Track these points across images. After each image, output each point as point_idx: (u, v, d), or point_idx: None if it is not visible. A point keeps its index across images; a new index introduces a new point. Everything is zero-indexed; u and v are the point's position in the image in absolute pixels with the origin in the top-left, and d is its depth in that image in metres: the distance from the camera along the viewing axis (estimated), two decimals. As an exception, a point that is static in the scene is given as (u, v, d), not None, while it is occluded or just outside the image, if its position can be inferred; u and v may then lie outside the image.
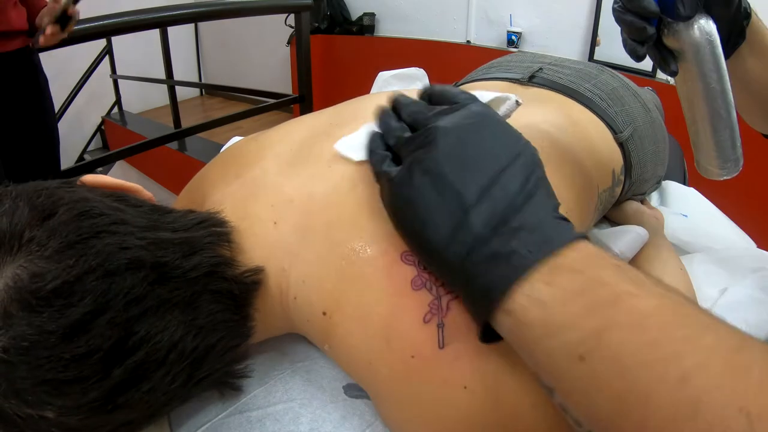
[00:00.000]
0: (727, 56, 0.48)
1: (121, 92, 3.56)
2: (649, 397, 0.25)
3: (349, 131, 0.51)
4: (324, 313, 0.42)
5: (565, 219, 0.33)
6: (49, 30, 1.04)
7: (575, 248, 0.31)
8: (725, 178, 0.52)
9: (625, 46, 0.48)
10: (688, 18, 0.45)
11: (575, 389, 0.29)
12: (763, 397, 0.23)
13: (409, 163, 0.36)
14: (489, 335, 0.33)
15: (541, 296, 0.29)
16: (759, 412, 0.23)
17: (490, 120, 0.36)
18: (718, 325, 0.27)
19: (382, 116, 0.41)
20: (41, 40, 1.04)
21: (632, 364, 0.26)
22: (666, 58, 0.48)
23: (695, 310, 0.28)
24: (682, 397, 0.24)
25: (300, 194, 0.46)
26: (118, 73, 3.42)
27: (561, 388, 0.30)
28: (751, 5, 0.48)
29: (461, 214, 0.32)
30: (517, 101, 0.44)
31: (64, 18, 1.07)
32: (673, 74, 0.49)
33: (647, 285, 0.29)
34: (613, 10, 0.47)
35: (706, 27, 0.45)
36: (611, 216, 0.80)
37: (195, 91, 4.65)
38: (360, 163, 0.45)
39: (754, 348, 0.26)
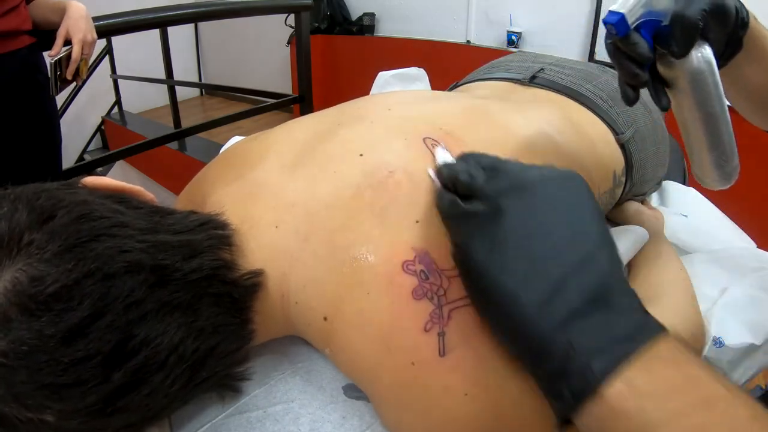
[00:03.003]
0: (721, 66, 0.46)
1: (121, 92, 3.56)
2: None
3: (350, 132, 0.51)
4: (325, 319, 0.42)
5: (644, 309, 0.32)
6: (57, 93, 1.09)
7: (665, 339, 0.30)
8: (722, 188, 0.52)
9: (620, 86, 0.47)
10: (683, 56, 0.43)
11: None
12: None
13: (496, 203, 0.34)
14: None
15: (642, 386, 0.28)
16: None
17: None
18: None
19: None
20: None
21: None
22: (659, 93, 0.46)
23: None
24: None
25: (302, 198, 0.46)
26: (118, 73, 3.42)
27: None
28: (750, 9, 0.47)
29: (559, 280, 0.31)
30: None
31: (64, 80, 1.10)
32: (664, 109, 0.47)
33: (736, 390, 0.28)
34: (607, 44, 0.45)
35: (702, 56, 0.43)
36: (611, 216, 0.79)
37: (195, 91, 4.65)
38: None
39: None
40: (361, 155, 0.47)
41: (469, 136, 0.50)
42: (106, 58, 3.32)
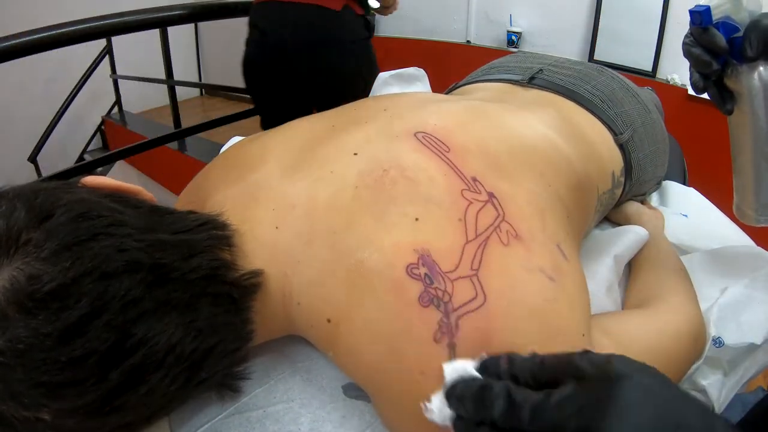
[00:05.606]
0: None
1: (121, 92, 3.55)
2: None
3: (345, 133, 0.51)
4: (329, 321, 0.42)
5: None
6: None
7: None
8: (761, 224, 0.54)
9: (690, 77, 0.53)
10: (753, 60, 0.48)
11: None
12: None
13: None
14: None
15: None
16: None
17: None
18: None
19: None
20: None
21: None
22: (724, 98, 0.52)
23: None
24: None
25: (302, 199, 0.46)
26: (118, 73, 3.41)
27: None
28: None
29: None
30: None
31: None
32: (728, 113, 0.53)
33: None
34: (684, 44, 0.51)
35: (765, 74, 0.49)
36: (612, 217, 0.79)
37: (195, 91, 4.64)
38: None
39: None
40: (355, 154, 0.47)
41: (464, 130, 0.50)
42: (106, 58, 3.32)
